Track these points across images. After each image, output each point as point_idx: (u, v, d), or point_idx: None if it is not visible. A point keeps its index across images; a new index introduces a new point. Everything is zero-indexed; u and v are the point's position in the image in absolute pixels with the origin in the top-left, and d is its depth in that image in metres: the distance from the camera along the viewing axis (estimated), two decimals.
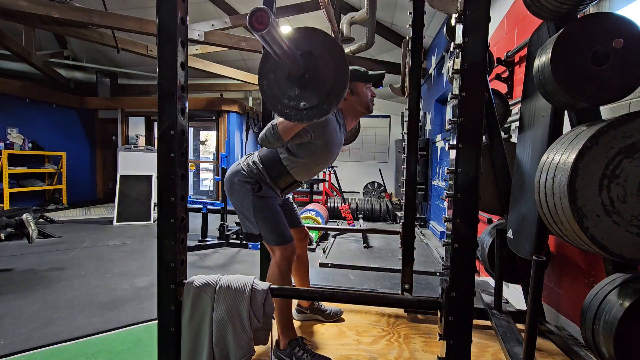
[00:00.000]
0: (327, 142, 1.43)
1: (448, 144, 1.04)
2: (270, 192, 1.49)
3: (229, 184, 1.50)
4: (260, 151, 1.54)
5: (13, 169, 5.52)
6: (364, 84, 1.53)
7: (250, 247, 3.86)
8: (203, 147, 9.82)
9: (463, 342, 0.97)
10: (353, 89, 1.52)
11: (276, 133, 1.29)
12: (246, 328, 1.07)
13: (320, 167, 1.54)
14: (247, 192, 1.45)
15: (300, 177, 1.53)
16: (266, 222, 1.44)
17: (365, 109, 1.56)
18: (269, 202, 1.47)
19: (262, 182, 1.46)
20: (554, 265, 1.89)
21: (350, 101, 1.53)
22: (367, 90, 1.55)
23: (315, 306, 1.85)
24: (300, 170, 1.49)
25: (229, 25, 4.60)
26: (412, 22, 1.80)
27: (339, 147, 1.53)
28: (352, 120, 1.61)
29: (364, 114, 1.59)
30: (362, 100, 1.54)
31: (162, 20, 1.03)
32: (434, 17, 4.73)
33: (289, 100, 1.00)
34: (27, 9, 3.74)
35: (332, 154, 1.50)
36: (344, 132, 1.57)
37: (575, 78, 1.08)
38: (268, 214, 1.45)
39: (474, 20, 0.93)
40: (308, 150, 1.43)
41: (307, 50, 0.95)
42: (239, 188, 1.47)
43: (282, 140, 1.30)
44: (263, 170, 1.47)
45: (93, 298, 2.39)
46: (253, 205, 1.44)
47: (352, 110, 1.56)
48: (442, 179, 4.59)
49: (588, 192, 0.95)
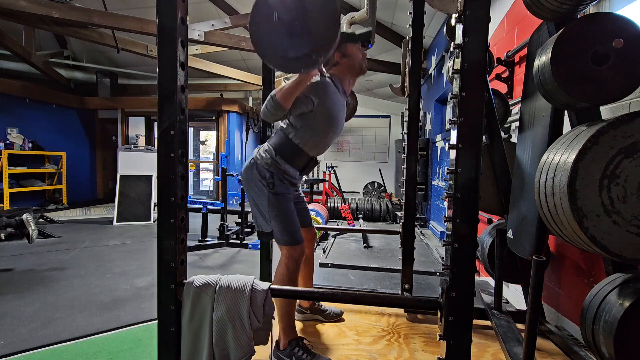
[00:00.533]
0: (330, 108, 1.44)
1: (448, 144, 1.04)
2: (285, 188, 1.48)
3: (246, 179, 1.51)
4: (269, 140, 1.55)
5: (13, 169, 5.52)
6: (353, 44, 1.55)
7: (250, 247, 3.85)
8: (203, 147, 9.82)
9: (463, 342, 0.97)
10: (344, 51, 1.53)
11: (275, 102, 1.29)
12: (246, 328, 1.06)
13: (330, 136, 1.54)
14: (263, 189, 1.45)
15: (314, 151, 1.53)
16: (279, 221, 1.45)
17: (360, 69, 1.58)
18: (285, 201, 1.47)
19: (277, 175, 1.46)
20: (554, 265, 1.89)
21: (343, 64, 1.55)
22: (358, 50, 1.56)
23: (316, 306, 1.85)
24: (312, 144, 1.50)
25: (229, 25, 4.59)
26: (412, 22, 1.80)
27: (343, 112, 1.55)
28: (349, 83, 1.62)
29: (359, 74, 1.60)
30: (355, 61, 1.56)
31: (162, 20, 1.03)
32: (434, 17, 4.72)
33: (278, 49, 1.01)
34: (27, 9, 3.74)
35: (337, 120, 1.51)
36: (344, 95, 1.59)
37: (575, 78, 1.08)
38: (282, 212, 1.45)
39: (474, 20, 0.93)
40: (314, 122, 1.44)
41: None
42: (255, 184, 1.47)
43: (282, 108, 1.30)
44: (277, 156, 1.47)
45: (93, 298, 2.39)
46: (268, 202, 1.45)
47: (347, 72, 1.57)
48: (442, 179, 4.59)
49: (588, 192, 0.95)
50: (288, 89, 1.29)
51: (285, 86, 1.30)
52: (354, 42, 1.55)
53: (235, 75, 6.26)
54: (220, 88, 7.62)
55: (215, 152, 7.72)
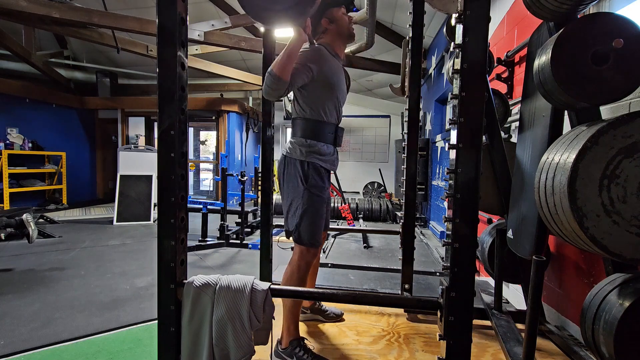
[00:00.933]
0: (328, 73, 1.47)
1: (448, 144, 1.04)
2: (321, 180, 1.49)
3: (281, 175, 1.53)
4: (291, 136, 1.57)
5: (13, 169, 5.52)
6: (338, 9, 1.57)
7: (250, 247, 3.85)
8: (203, 147, 9.82)
9: (463, 342, 0.97)
10: (330, 17, 1.56)
11: (274, 75, 1.29)
12: (246, 328, 1.06)
13: (338, 98, 1.55)
14: (299, 184, 1.46)
15: (332, 116, 1.54)
16: (307, 219, 1.45)
17: (348, 34, 1.61)
18: (318, 202, 1.48)
19: (312, 161, 1.47)
20: (554, 265, 1.89)
21: (331, 30, 1.58)
22: (343, 15, 1.59)
23: (316, 306, 1.85)
24: (327, 110, 1.51)
25: (229, 25, 4.59)
26: (412, 22, 1.80)
27: (342, 75, 1.59)
28: (340, 48, 1.64)
29: (348, 40, 1.63)
30: (342, 25, 1.59)
31: (162, 20, 1.03)
32: (434, 17, 4.72)
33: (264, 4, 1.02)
34: (27, 9, 3.74)
35: (339, 83, 1.54)
36: (339, 59, 1.61)
37: (575, 78, 1.08)
38: (313, 211, 1.46)
39: (474, 20, 0.93)
40: (318, 91, 1.47)
41: None
42: (290, 179, 1.49)
43: (282, 80, 1.30)
44: (307, 141, 1.48)
45: (93, 298, 2.39)
46: (302, 197, 1.45)
47: (337, 38, 1.60)
48: (442, 179, 4.59)
49: (588, 192, 0.95)
50: (282, 60, 1.29)
51: (278, 58, 1.30)
52: (338, 6, 1.57)
53: (235, 75, 6.26)
54: (220, 88, 7.62)
55: (215, 152, 7.72)
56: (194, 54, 5.60)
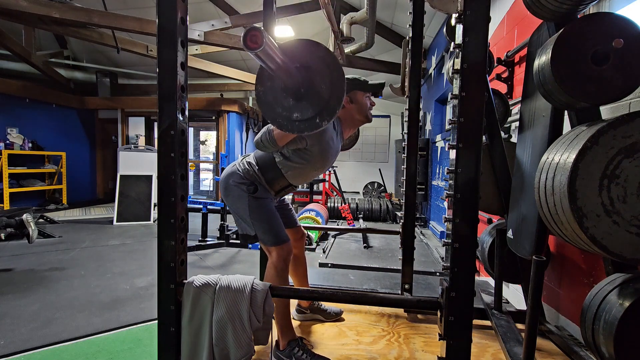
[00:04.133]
0: (323, 150, 1.43)
1: (448, 144, 1.04)
2: (265, 194, 1.49)
3: (225, 185, 1.50)
4: (256, 152, 1.54)
5: (13, 169, 5.52)
6: (363, 92, 1.52)
7: (250, 247, 3.85)
8: (203, 147, 9.81)
9: (463, 342, 0.97)
10: (352, 97, 1.50)
11: (271, 138, 1.29)
12: (246, 328, 1.07)
13: (315, 172, 1.54)
14: (243, 194, 1.45)
15: (295, 181, 1.53)
16: (262, 223, 1.44)
17: (364, 118, 1.55)
18: (265, 203, 1.47)
19: (257, 183, 1.47)
20: (554, 265, 1.89)
21: (349, 109, 1.52)
22: (367, 99, 1.54)
23: (315, 306, 1.85)
24: (295, 174, 1.49)
25: (229, 25, 4.59)
26: (412, 22, 1.80)
27: (335, 154, 1.53)
28: (350, 128, 1.60)
29: (363, 122, 1.58)
30: (361, 109, 1.53)
31: (162, 20, 1.03)
32: (434, 17, 4.72)
33: (282, 110, 1.01)
34: (27, 9, 3.74)
35: (328, 161, 1.50)
36: (341, 140, 1.57)
37: (575, 78, 1.08)
38: (263, 214, 1.45)
39: (474, 20, 0.93)
40: (303, 156, 1.43)
41: (306, 63, 0.96)
42: (234, 189, 1.47)
43: (277, 145, 1.31)
44: (258, 172, 1.47)
45: (93, 298, 2.39)
46: (249, 206, 1.44)
47: (351, 118, 1.55)
48: (442, 179, 4.59)
49: (588, 192, 0.95)
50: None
51: None
52: (364, 91, 1.52)
53: (235, 75, 6.26)
54: (220, 88, 7.62)
55: (215, 152, 7.71)
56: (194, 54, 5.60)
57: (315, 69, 0.97)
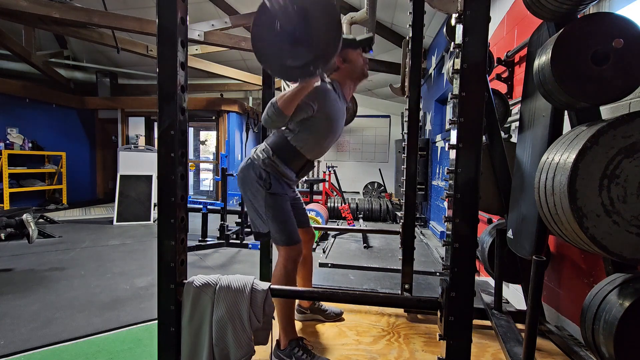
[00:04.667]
0: (329, 113, 1.44)
1: (448, 144, 1.04)
2: (282, 188, 1.48)
3: (242, 179, 1.50)
4: (267, 140, 1.55)
5: (13, 169, 5.52)
6: (354, 50, 1.54)
7: (250, 247, 3.85)
8: (203, 147, 9.81)
9: (463, 342, 0.97)
10: (344, 57, 1.53)
11: (277, 109, 1.29)
12: (246, 328, 1.07)
13: (328, 141, 1.54)
14: (260, 189, 1.45)
15: (311, 154, 1.53)
16: (276, 221, 1.44)
17: (361, 75, 1.58)
18: (281, 201, 1.47)
19: (273, 174, 1.46)
20: (554, 265, 1.89)
21: (344, 70, 1.55)
22: (359, 56, 1.56)
23: (316, 306, 1.85)
24: (310, 147, 1.49)
25: (229, 25, 4.59)
26: (412, 22, 1.80)
27: (343, 118, 1.55)
28: (350, 89, 1.62)
29: (360, 79, 1.60)
30: (356, 66, 1.55)
31: (162, 20, 1.03)
32: (434, 17, 4.72)
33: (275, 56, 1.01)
34: (27, 9, 3.74)
35: (337, 125, 1.51)
36: (344, 102, 1.59)
37: (575, 78, 1.08)
38: (279, 213, 1.45)
39: (474, 20, 0.93)
40: (313, 126, 1.44)
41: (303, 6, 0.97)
42: (252, 184, 1.47)
43: (283, 115, 1.30)
44: (274, 157, 1.47)
45: (93, 298, 2.39)
46: (265, 203, 1.45)
47: (348, 78, 1.57)
48: (442, 179, 4.59)
49: (588, 192, 0.95)
50: (289, 96, 1.29)
51: (286, 93, 1.30)
52: (355, 48, 1.54)
53: (235, 75, 6.26)
54: (220, 88, 7.62)
55: (215, 152, 7.72)
56: (194, 54, 5.60)
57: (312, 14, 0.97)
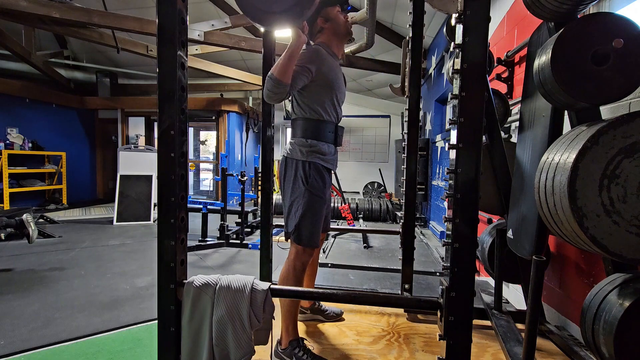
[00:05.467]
0: (327, 72, 1.47)
1: (448, 144, 1.04)
2: (322, 180, 1.49)
3: (283, 175, 1.53)
4: (291, 137, 1.57)
5: (13, 169, 5.52)
6: (332, 8, 1.57)
7: (250, 247, 3.85)
8: (203, 147, 9.81)
9: (463, 342, 0.97)
10: (325, 16, 1.56)
11: (275, 79, 1.29)
12: (246, 328, 1.07)
13: (337, 97, 1.55)
14: (301, 185, 1.46)
15: (332, 115, 1.54)
16: (308, 220, 1.45)
17: (345, 32, 1.60)
18: (318, 203, 1.47)
19: (313, 160, 1.47)
20: (554, 265, 1.89)
21: (327, 29, 1.58)
22: (339, 14, 1.59)
23: (316, 306, 1.85)
24: (326, 109, 1.51)
25: (229, 25, 4.59)
26: (412, 22, 1.80)
27: (340, 73, 1.59)
28: (338, 47, 1.63)
29: (346, 37, 1.62)
30: (338, 23, 1.58)
31: (162, 20, 1.03)
32: (434, 17, 4.72)
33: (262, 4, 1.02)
34: (27, 9, 3.74)
35: (338, 82, 1.55)
36: (337, 59, 1.61)
37: (575, 78, 1.08)
38: (312, 212, 1.46)
39: (474, 20, 0.93)
40: (318, 91, 1.47)
41: None
42: (291, 180, 1.48)
43: (282, 83, 1.30)
44: (308, 141, 1.48)
45: (93, 298, 2.39)
46: (303, 198, 1.45)
47: (334, 37, 1.60)
48: (442, 179, 4.59)
49: (588, 192, 0.95)
50: (283, 63, 1.29)
51: (279, 62, 1.30)
52: (333, 5, 1.57)
53: (235, 75, 6.26)
54: (220, 88, 7.61)
55: (215, 152, 7.71)
56: (194, 54, 5.59)
57: None
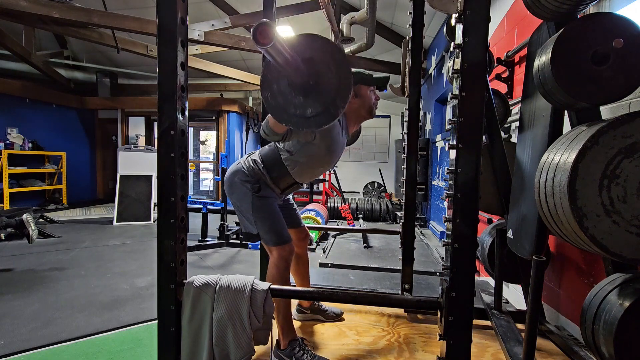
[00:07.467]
0: (330, 145, 1.42)
1: (448, 144, 1.04)
2: (270, 193, 1.48)
3: (229, 183, 1.50)
4: (261, 150, 1.53)
5: (13, 169, 5.52)
6: (367, 87, 1.51)
7: (250, 247, 3.85)
8: (203, 147, 9.81)
9: (463, 342, 0.97)
10: (357, 91, 1.49)
11: (268, 127, 1.25)
12: (246, 328, 1.07)
13: (321, 169, 1.53)
14: (247, 192, 1.44)
15: (300, 178, 1.51)
16: (264, 222, 1.44)
17: (368, 113, 1.53)
18: (268, 202, 1.46)
19: (262, 182, 1.46)
20: (554, 265, 1.89)
21: (353, 104, 1.51)
22: (371, 93, 1.53)
23: (316, 306, 1.85)
24: (301, 171, 1.48)
25: (229, 25, 4.59)
26: (412, 22, 1.80)
27: (342, 150, 1.52)
28: (355, 124, 1.59)
29: (367, 118, 1.56)
30: (366, 103, 1.51)
31: (162, 20, 1.03)
32: (434, 17, 4.72)
33: (295, 109, 0.98)
34: (27, 9, 3.74)
35: (334, 156, 1.49)
36: (346, 135, 1.56)
37: (575, 78, 1.08)
38: (266, 214, 1.45)
39: (474, 20, 0.93)
40: (310, 152, 1.42)
41: (307, 56, 0.94)
42: (239, 188, 1.46)
43: (276, 132, 1.26)
44: (264, 170, 1.46)
45: (93, 298, 2.39)
46: (252, 205, 1.44)
47: (355, 113, 1.54)
48: (442, 179, 4.59)
49: (588, 192, 0.95)
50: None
51: None
52: (369, 85, 1.51)
53: (235, 75, 6.26)
54: (220, 88, 7.62)
55: (215, 152, 7.72)
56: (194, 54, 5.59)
57: (318, 59, 0.95)
